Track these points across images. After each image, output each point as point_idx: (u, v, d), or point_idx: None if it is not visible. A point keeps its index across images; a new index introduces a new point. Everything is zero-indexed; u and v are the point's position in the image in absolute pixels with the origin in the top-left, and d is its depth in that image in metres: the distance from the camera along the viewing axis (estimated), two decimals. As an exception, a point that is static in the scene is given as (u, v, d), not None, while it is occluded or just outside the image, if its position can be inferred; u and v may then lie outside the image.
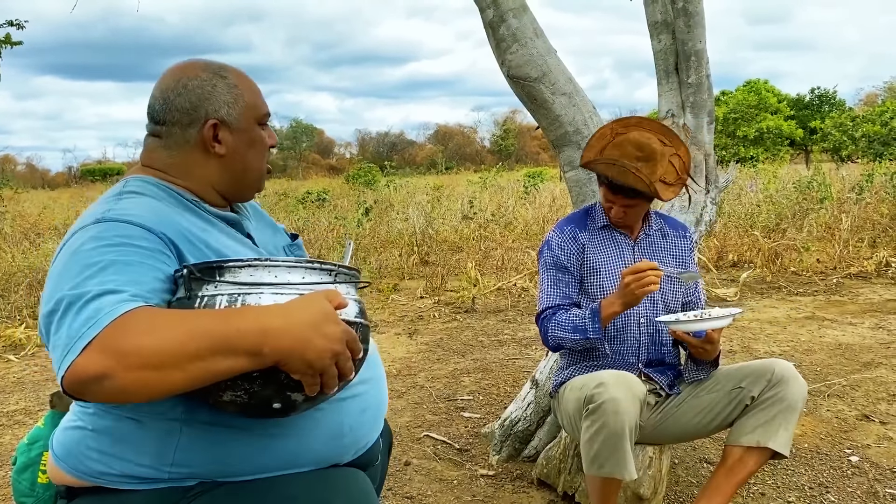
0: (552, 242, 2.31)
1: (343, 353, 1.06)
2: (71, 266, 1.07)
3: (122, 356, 0.94)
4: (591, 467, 1.95)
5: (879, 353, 4.33)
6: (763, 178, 13.18)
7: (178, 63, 1.35)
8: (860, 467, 2.81)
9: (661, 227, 2.39)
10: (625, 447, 1.89)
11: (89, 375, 0.93)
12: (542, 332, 2.26)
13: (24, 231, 10.67)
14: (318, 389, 1.06)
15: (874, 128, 26.74)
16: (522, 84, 2.76)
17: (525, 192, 14.26)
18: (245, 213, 1.46)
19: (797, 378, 2.09)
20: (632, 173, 2.11)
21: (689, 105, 2.87)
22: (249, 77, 1.37)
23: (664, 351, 2.29)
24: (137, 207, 1.19)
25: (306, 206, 13.59)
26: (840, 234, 7.76)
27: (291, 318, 1.02)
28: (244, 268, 1.10)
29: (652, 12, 2.96)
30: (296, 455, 1.24)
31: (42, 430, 1.46)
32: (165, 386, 0.96)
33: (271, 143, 1.40)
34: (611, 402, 1.88)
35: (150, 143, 1.35)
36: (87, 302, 0.99)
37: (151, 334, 0.96)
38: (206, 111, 1.30)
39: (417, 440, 3.20)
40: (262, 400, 1.08)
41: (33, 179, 40.54)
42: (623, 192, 2.18)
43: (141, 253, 1.10)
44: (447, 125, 60.74)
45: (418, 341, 5.03)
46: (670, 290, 2.31)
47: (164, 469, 1.18)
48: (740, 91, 35.15)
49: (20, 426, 3.58)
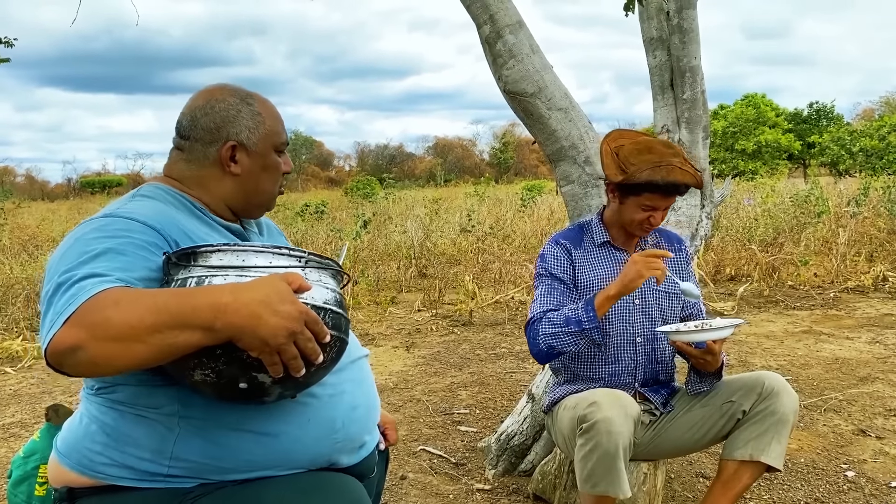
0: (547, 255, 2.28)
1: (301, 333, 1.08)
2: (71, 251, 1.16)
3: (91, 328, 1.01)
4: (586, 485, 1.95)
5: (876, 367, 4.33)
6: (761, 192, 13.22)
7: (211, 85, 1.45)
8: (856, 482, 2.81)
9: (657, 241, 2.35)
10: (618, 466, 1.90)
11: (65, 347, 1.01)
12: (532, 335, 2.14)
13: (23, 243, 10.68)
14: (281, 370, 1.09)
15: (871, 142, 26.87)
16: (519, 99, 2.78)
17: (523, 205, 14.30)
18: (254, 228, 1.53)
19: (788, 390, 2.09)
20: (678, 168, 2.06)
21: (685, 120, 2.89)
22: (274, 107, 1.47)
23: (659, 369, 2.28)
24: (145, 208, 1.29)
25: (305, 218, 13.61)
26: (837, 249, 7.77)
27: (241, 295, 1.06)
28: (214, 252, 1.17)
29: (647, 28, 2.99)
30: (290, 452, 1.28)
31: (37, 443, 1.47)
32: (130, 358, 1.03)
33: (286, 170, 1.48)
34: (604, 421, 1.88)
35: (173, 155, 1.44)
36: (73, 283, 1.08)
37: (116, 308, 1.03)
38: (227, 133, 1.39)
39: (414, 454, 3.20)
40: (229, 379, 1.12)
41: (32, 191, 40.63)
42: (676, 191, 2.12)
43: (137, 245, 1.19)
44: (446, 138, 60.96)
45: (415, 354, 5.03)
46: (668, 307, 2.27)
47: (164, 463, 1.23)
48: (738, 105, 35.31)
49: (16, 439, 3.58)
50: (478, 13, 2.79)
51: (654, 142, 2.16)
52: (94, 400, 1.29)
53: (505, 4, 2.77)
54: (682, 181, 2.07)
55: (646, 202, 2.11)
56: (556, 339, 2.09)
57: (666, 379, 2.31)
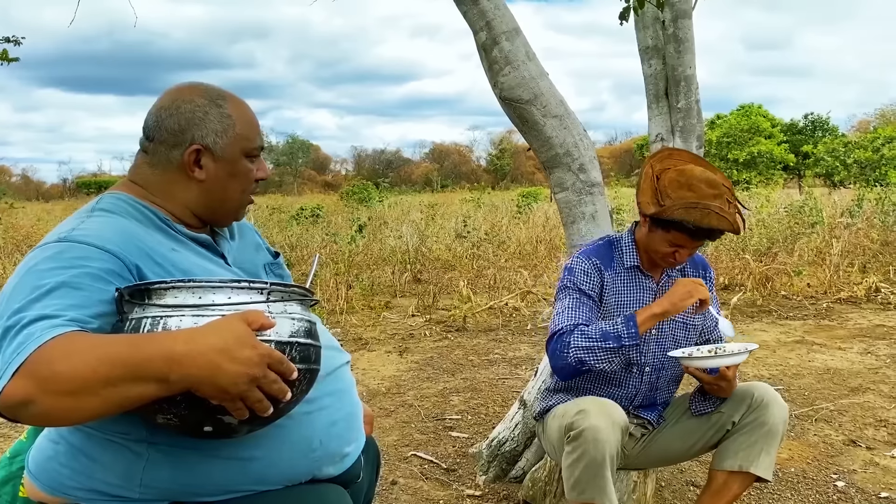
0: (576, 269, 2.15)
1: (264, 377, 1.03)
2: (23, 285, 1.08)
3: (41, 382, 0.95)
4: (572, 493, 1.95)
5: (868, 378, 4.34)
6: (756, 202, 13.26)
7: (181, 84, 1.36)
8: (846, 493, 2.81)
9: (683, 266, 2.25)
10: (605, 475, 1.89)
11: (15, 401, 0.95)
12: (560, 348, 2.01)
13: (17, 243, 10.65)
14: (246, 413, 1.04)
15: (866, 154, 26.98)
16: (514, 106, 2.78)
17: (518, 211, 14.31)
18: (224, 234, 1.45)
19: (778, 401, 2.09)
20: (715, 213, 1.94)
21: (679, 129, 2.90)
22: (249, 110, 1.38)
23: (657, 396, 2.24)
24: (103, 228, 1.20)
25: (300, 221, 13.60)
26: (831, 259, 7.80)
27: (197, 344, 1.00)
28: (169, 290, 1.09)
29: (643, 37, 3.01)
30: (265, 475, 1.23)
31: (24, 443, 1.45)
32: (84, 411, 0.98)
33: (259, 177, 1.39)
34: (591, 430, 1.88)
35: (138, 158, 1.36)
36: (22, 328, 1.01)
37: (66, 361, 0.96)
38: (192, 135, 1.30)
39: (405, 459, 3.19)
40: (193, 423, 1.07)
41: (28, 191, 40.49)
42: (707, 236, 2.02)
43: (93, 276, 1.11)
44: (443, 143, 61.00)
45: (408, 359, 5.02)
46: (683, 337, 2.21)
47: (134, 489, 1.18)
48: (734, 115, 35.44)
49: (5, 439, 3.56)
50: (474, 20, 2.79)
51: (699, 177, 2.00)
52: None
53: (501, 11, 2.77)
54: (717, 227, 1.95)
55: (673, 239, 2.02)
56: (590, 354, 1.98)
57: (663, 402, 2.28)
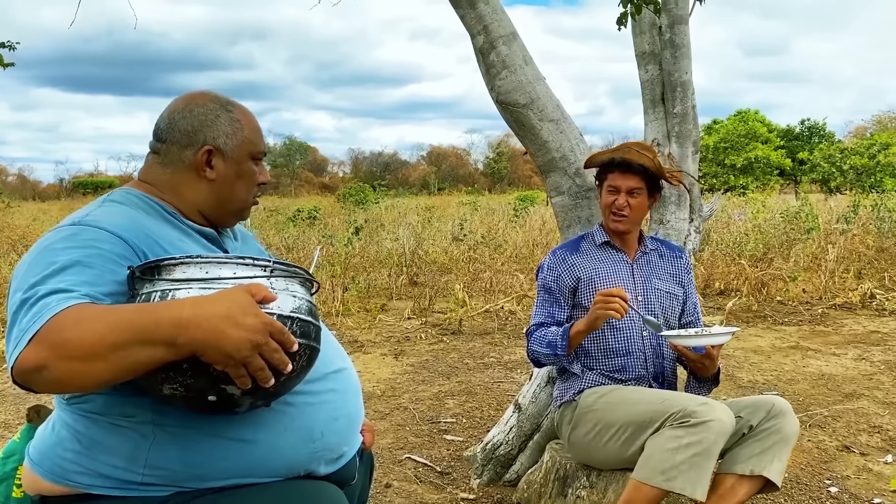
0: (544, 265, 2.45)
1: (266, 345, 1.07)
2: (38, 261, 1.15)
3: (55, 348, 1.01)
4: (658, 477, 1.95)
5: (862, 384, 4.36)
6: (752, 208, 13.28)
7: (192, 91, 1.45)
8: (839, 498, 2.82)
9: (657, 248, 2.49)
10: (708, 468, 1.96)
11: (30, 366, 1.01)
12: (527, 343, 2.41)
13: (13, 242, 10.62)
14: (249, 382, 1.08)
15: (862, 160, 27.06)
16: (511, 110, 2.79)
17: (515, 214, 14.32)
18: (228, 234, 1.51)
19: (793, 415, 2.16)
20: (634, 150, 2.30)
21: (675, 135, 2.91)
22: (254, 116, 1.47)
23: (665, 364, 2.37)
24: (114, 215, 1.27)
25: (297, 223, 13.59)
26: (826, 265, 7.81)
27: (203, 310, 1.05)
28: (178, 265, 1.16)
29: (640, 43, 3.02)
30: (267, 459, 1.26)
31: (17, 443, 1.46)
32: (94, 376, 1.02)
33: (262, 180, 1.47)
34: (718, 423, 1.95)
35: (149, 160, 1.44)
36: (38, 300, 1.07)
37: (77, 328, 1.02)
38: (205, 136, 1.38)
39: (399, 462, 3.19)
40: (198, 392, 1.11)
41: (24, 191, 40.39)
42: (631, 170, 2.29)
43: (105, 257, 1.17)
44: (440, 146, 60.96)
45: (404, 362, 5.02)
46: (670, 307, 2.41)
47: (138, 471, 1.21)
48: (731, 120, 35.54)
49: (-1, 439, 3.55)
50: (472, 24, 2.80)
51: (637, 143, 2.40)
52: (67, 409, 1.28)
53: (499, 16, 2.78)
54: (637, 161, 2.28)
55: (609, 184, 2.34)
56: (541, 356, 2.36)
57: (671, 379, 2.40)
